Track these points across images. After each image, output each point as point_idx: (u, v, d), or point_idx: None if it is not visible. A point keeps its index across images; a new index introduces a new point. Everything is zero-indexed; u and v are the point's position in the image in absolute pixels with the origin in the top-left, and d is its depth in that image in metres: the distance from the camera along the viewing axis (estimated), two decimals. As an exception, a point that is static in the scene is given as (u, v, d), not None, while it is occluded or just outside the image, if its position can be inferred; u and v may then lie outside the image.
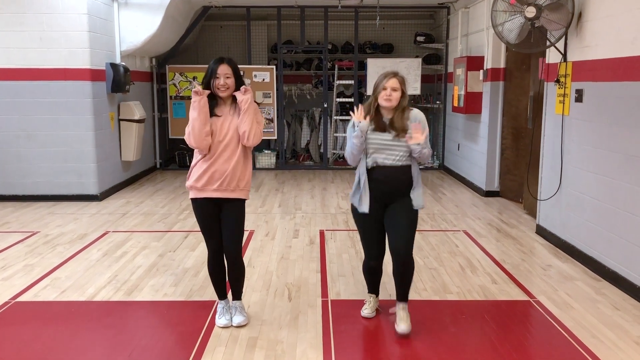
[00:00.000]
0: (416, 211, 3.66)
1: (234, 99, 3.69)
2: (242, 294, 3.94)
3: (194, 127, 3.55)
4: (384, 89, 3.57)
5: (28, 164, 7.52)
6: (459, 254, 5.40)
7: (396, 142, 3.58)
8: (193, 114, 3.57)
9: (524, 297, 4.32)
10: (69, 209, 7.17)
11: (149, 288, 4.47)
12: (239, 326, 3.77)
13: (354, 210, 3.74)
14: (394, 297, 3.84)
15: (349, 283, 4.59)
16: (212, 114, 3.65)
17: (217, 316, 3.86)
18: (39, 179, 7.55)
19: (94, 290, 4.43)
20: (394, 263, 3.66)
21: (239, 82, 3.66)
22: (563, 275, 4.83)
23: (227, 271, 3.85)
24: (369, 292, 4.00)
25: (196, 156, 3.72)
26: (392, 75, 3.60)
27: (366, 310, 3.93)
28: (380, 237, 3.74)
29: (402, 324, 3.63)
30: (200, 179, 3.64)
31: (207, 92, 3.62)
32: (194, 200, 3.73)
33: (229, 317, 3.82)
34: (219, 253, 3.78)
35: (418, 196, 3.65)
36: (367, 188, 3.61)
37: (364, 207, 3.62)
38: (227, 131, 3.64)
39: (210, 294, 4.30)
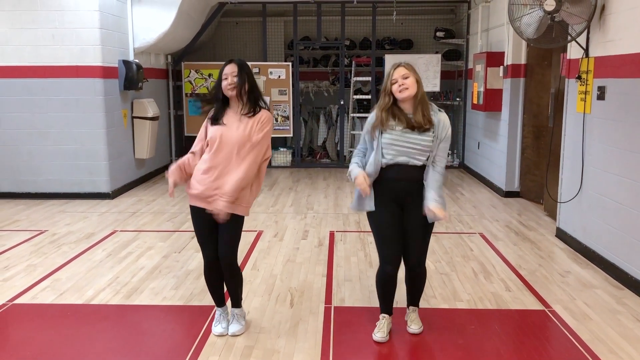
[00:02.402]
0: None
1: (245, 101, 3.45)
2: (242, 301, 3.77)
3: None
4: (394, 82, 3.32)
5: (40, 161, 7.50)
6: (473, 258, 5.17)
7: (417, 136, 3.29)
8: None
9: (539, 307, 4.09)
10: (80, 207, 7.13)
11: (149, 291, 4.36)
12: (234, 335, 3.62)
13: (368, 212, 3.48)
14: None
15: (354, 288, 4.41)
16: (219, 122, 3.45)
17: (213, 323, 3.72)
18: (50, 176, 7.53)
19: (92, 292, 4.33)
20: (406, 271, 3.55)
21: (251, 86, 3.43)
22: (582, 282, 4.57)
23: (224, 279, 3.62)
24: (381, 313, 3.62)
25: (197, 165, 3.52)
26: (397, 65, 3.37)
27: (379, 334, 3.54)
28: (396, 237, 3.40)
29: (414, 325, 3.63)
30: (194, 187, 3.47)
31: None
32: (191, 208, 3.57)
33: (225, 325, 3.67)
34: (213, 264, 3.57)
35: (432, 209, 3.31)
36: (374, 188, 3.37)
37: (369, 206, 3.39)
38: (231, 140, 3.39)
39: (209, 299, 4.14)
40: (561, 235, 5.71)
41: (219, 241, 3.52)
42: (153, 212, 6.90)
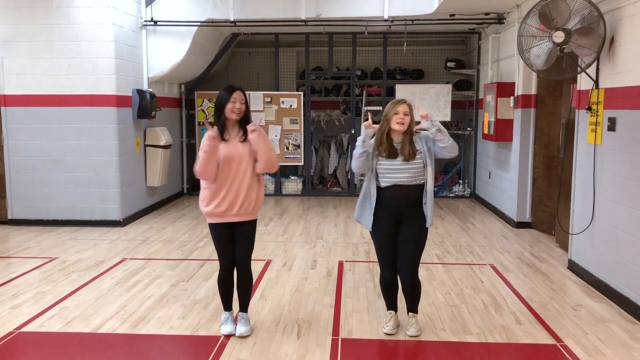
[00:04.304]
0: (425, 232, 3.96)
1: (240, 125, 3.95)
2: (249, 307, 4.19)
3: (208, 164, 3.81)
4: (396, 113, 3.86)
5: (53, 189, 7.58)
6: (484, 290, 5.10)
7: (405, 165, 3.86)
8: (206, 150, 3.81)
9: (550, 341, 4.01)
10: (91, 234, 7.17)
11: (156, 320, 4.34)
12: (242, 336, 3.97)
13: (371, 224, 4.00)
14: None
15: (363, 320, 4.36)
16: (222, 138, 3.90)
17: (221, 325, 4.08)
18: (63, 204, 7.60)
19: (100, 321, 4.32)
20: (401, 282, 4.03)
21: (247, 111, 3.96)
22: (595, 316, 4.48)
23: (236, 282, 4.07)
24: (388, 310, 4.16)
25: (207, 182, 3.94)
26: (403, 102, 3.91)
27: (388, 327, 4.07)
28: (393, 248, 3.95)
29: (412, 328, 4.03)
30: (219, 205, 3.86)
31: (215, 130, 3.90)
32: (213, 225, 3.96)
33: (233, 326, 4.04)
34: (230, 270, 4.01)
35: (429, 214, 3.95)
36: (374, 207, 3.91)
37: (368, 223, 3.97)
38: (237, 155, 3.86)
39: (216, 328, 4.15)
40: (573, 267, 5.63)
41: (237, 251, 3.99)
42: (163, 240, 6.91)
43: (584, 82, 5.44)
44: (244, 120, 3.94)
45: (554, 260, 6.06)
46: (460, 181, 10.54)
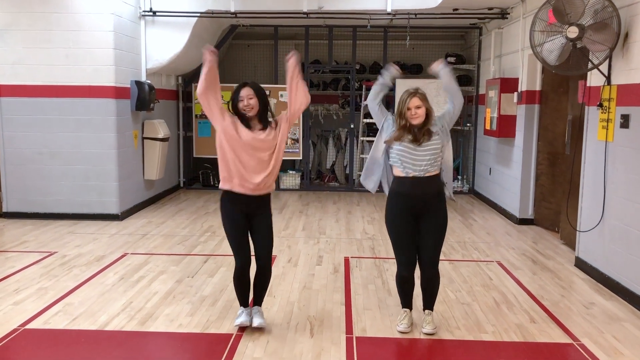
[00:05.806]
0: (445, 226, 3.92)
1: (259, 119, 3.85)
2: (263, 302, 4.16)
3: (209, 77, 3.75)
4: (408, 109, 3.80)
5: (50, 181, 7.42)
6: (493, 287, 5.05)
7: (420, 150, 3.79)
8: (204, 69, 3.77)
9: (567, 340, 3.96)
10: (89, 228, 7.02)
11: (164, 317, 4.24)
12: (260, 327, 3.93)
13: (387, 218, 3.96)
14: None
15: (375, 318, 4.28)
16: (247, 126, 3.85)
17: (236, 318, 4.00)
18: (60, 197, 7.44)
19: (106, 318, 4.21)
20: (421, 273, 3.96)
21: (263, 102, 3.84)
22: (608, 315, 4.45)
23: (254, 278, 4.01)
24: (403, 307, 4.08)
25: (225, 171, 3.84)
26: (413, 95, 3.81)
27: (402, 326, 3.99)
28: (411, 244, 3.88)
29: (428, 326, 3.96)
30: (231, 178, 3.81)
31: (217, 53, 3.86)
32: (227, 213, 3.86)
33: (247, 318, 3.95)
34: (247, 268, 3.89)
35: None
36: (391, 199, 3.89)
37: (372, 187, 4.03)
38: (259, 146, 3.79)
39: (227, 326, 4.06)
40: (581, 265, 5.60)
41: (258, 244, 3.93)
42: (163, 235, 6.79)
43: (594, 78, 5.39)
44: (264, 113, 3.84)
45: (560, 258, 6.03)
46: (459, 177, 10.50)
